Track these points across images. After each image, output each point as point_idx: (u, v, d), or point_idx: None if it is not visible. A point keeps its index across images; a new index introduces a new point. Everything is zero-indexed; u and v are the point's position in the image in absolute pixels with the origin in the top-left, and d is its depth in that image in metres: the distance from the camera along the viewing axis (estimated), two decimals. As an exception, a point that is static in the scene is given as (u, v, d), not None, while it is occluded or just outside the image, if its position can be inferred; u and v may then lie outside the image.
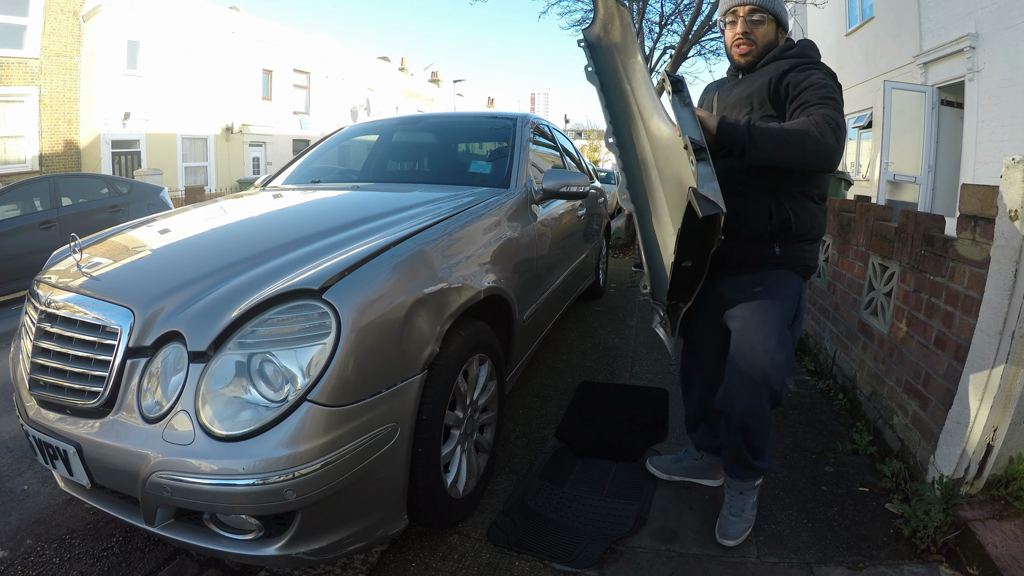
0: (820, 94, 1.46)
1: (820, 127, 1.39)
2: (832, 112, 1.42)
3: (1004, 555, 1.44)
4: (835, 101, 1.45)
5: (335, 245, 1.57)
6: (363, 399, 1.28)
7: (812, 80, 1.48)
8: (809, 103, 1.46)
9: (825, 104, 1.43)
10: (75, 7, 12.02)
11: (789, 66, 1.55)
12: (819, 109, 1.43)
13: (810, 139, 1.38)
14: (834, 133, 1.39)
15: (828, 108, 1.42)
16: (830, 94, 1.45)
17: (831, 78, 1.51)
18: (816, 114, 1.42)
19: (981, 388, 1.59)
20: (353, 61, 20.79)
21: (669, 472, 2.01)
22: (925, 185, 7.69)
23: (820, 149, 1.38)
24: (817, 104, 1.44)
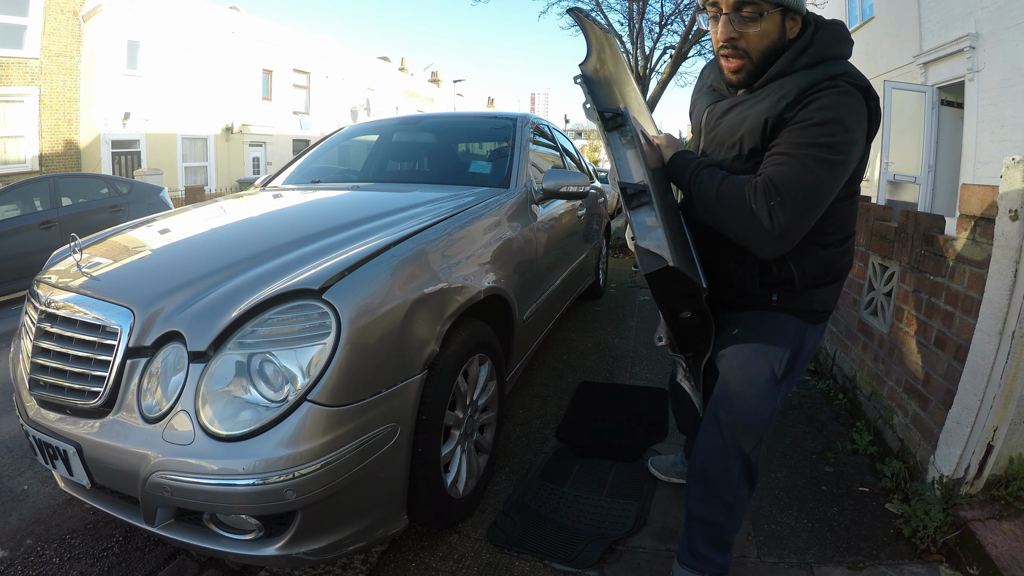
0: (799, 138, 1.07)
1: (757, 202, 1.05)
2: (789, 179, 1.04)
3: (1004, 555, 1.44)
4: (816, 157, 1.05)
5: (335, 245, 1.56)
6: (363, 399, 1.28)
7: (807, 114, 1.08)
8: (777, 151, 1.10)
9: (789, 160, 1.06)
10: (75, 7, 12.02)
11: (798, 92, 1.11)
12: (777, 166, 1.07)
13: (740, 219, 1.08)
14: (770, 215, 1.03)
15: (789, 172, 1.05)
16: (819, 142, 1.05)
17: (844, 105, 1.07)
18: (766, 174, 1.07)
19: (981, 388, 1.59)
20: (353, 61, 20.79)
21: (667, 474, 1.98)
22: (925, 185, 7.69)
23: (746, 232, 1.08)
24: (781, 156, 1.07)
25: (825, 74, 1.11)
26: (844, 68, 1.13)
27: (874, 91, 1.12)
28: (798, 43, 1.16)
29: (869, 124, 1.12)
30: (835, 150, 1.05)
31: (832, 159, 1.05)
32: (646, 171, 1.11)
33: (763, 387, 1.29)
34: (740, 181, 1.11)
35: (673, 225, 1.15)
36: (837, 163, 1.06)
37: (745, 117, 1.19)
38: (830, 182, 1.07)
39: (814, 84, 1.10)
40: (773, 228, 1.05)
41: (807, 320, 1.31)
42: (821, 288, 1.28)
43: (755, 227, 1.06)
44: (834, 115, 1.06)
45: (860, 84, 1.10)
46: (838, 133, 1.05)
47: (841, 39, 1.18)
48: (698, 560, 1.41)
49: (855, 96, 1.09)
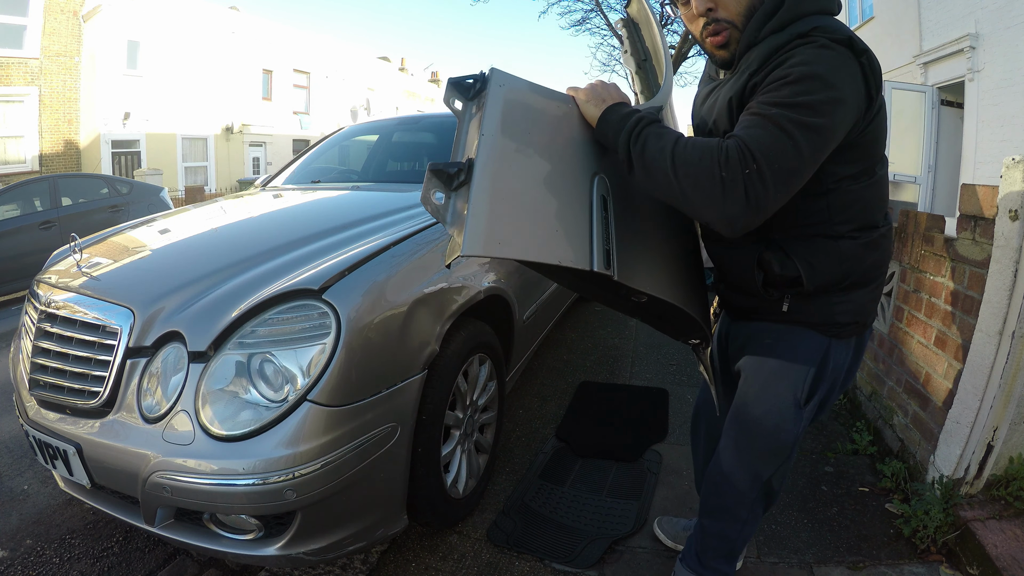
0: (772, 98, 0.90)
1: (728, 169, 0.86)
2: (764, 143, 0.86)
3: (1004, 555, 1.44)
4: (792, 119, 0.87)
5: (335, 245, 1.57)
6: (363, 399, 1.28)
7: (784, 71, 0.92)
8: (748, 112, 0.93)
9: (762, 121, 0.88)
10: (75, 7, 12.01)
11: (762, 59, 0.97)
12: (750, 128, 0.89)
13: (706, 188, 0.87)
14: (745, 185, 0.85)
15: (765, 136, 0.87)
16: (794, 102, 0.88)
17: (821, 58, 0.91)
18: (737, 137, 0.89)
19: (981, 388, 1.59)
20: (353, 61, 20.79)
21: (676, 540, 1.66)
22: (925, 185, 7.69)
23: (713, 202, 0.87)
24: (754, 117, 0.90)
25: (793, 33, 0.95)
26: (816, 23, 0.95)
27: (861, 43, 0.93)
28: (765, 5, 1.00)
29: (867, 84, 0.93)
30: (815, 111, 0.87)
31: (812, 121, 0.87)
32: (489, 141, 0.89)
33: (784, 414, 1.16)
34: (703, 143, 0.91)
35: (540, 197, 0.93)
36: (819, 127, 0.88)
37: (716, 101, 1.07)
38: (814, 152, 0.89)
39: (780, 47, 0.95)
40: (748, 202, 0.86)
41: (829, 335, 1.11)
42: (844, 293, 1.07)
43: (726, 200, 0.86)
44: (810, 70, 0.89)
45: (839, 37, 0.92)
46: (817, 90, 0.88)
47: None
48: (704, 568, 1.38)
49: (836, 49, 0.91)
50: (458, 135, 0.95)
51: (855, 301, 1.09)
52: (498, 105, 0.91)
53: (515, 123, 0.93)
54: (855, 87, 0.93)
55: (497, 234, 0.84)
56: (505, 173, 0.89)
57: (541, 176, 0.94)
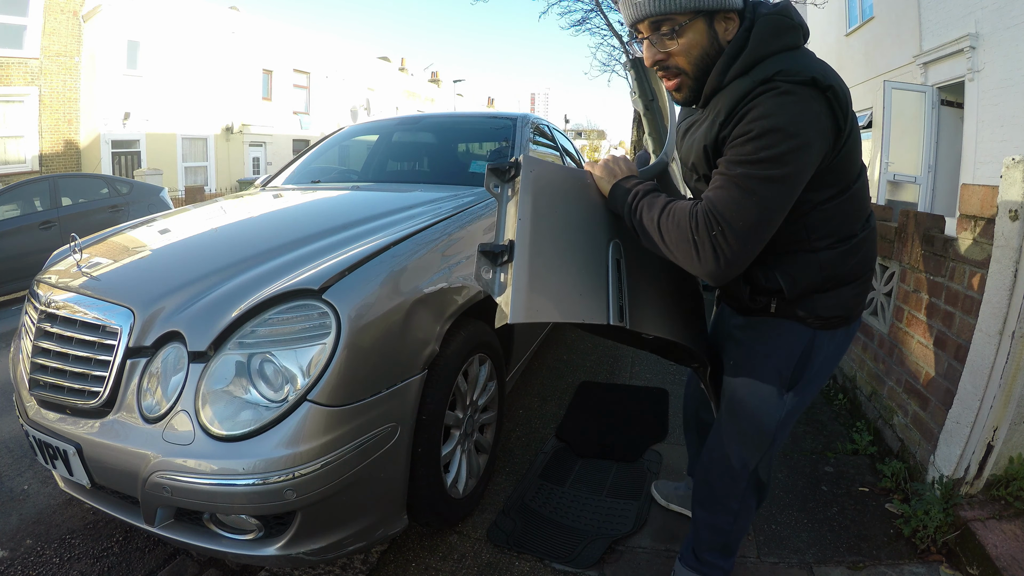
0: (736, 156, 0.96)
1: (699, 233, 0.96)
2: (729, 206, 0.94)
3: (1004, 555, 1.44)
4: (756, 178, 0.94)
5: (335, 245, 1.57)
6: (363, 399, 1.28)
7: (743, 128, 0.97)
8: (717, 172, 1.00)
9: (727, 183, 0.96)
10: (75, 7, 12.01)
11: (729, 108, 1.01)
12: (718, 189, 0.97)
13: (685, 252, 0.99)
14: (713, 248, 0.95)
15: (727, 190, 0.95)
16: (757, 158, 0.94)
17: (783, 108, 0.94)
18: (706, 199, 0.98)
19: (981, 388, 1.59)
20: (353, 61, 20.80)
21: (668, 499, 1.85)
22: (925, 185, 7.69)
23: (693, 265, 0.99)
24: (720, 178, 0.98)
25: (756, 79, 0.98)
26: (779, 66, 0.97)
27: (825, 80, 0.96)
28: (728, 49, 1.04)
29: (834, 117, 0.98)
30: (778, 163, 0.93)
31: (774, 175, 0.93)
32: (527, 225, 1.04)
33: (766, 397, 1.24)
34: (681, 209, 1.01)
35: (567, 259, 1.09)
36: (782, 177, 0.94)
37: (694, 140, 1.13)
38: (778, 201, 0.96)
39: (744, 95, 0.98)
40: (719, 260, 0.96)
41: (815, 327, 1.19)
42: (826, 293, 1.15)
43: (701, 259, 0.97)
44: (772, 124, 0.93)
45: (802, 78, 0.95)
46: (779, 142, 0.93)
47: (779, 29, 1.02)
48: (701, 563, 1.42)
49: (797, 94, 0.94)
50: (499, 214, 1.12)
51: (839, 297, 1.17)
52: (529, 190, 1.07)
53: (545, 204, 1.08)
54: (819, 126, 0.97)
55: (535, 304, 1.01)
56: (539, 252, 1.04)
57: (568, 248, 1.11)
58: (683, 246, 1.00)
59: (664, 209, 1.04)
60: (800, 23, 1.05)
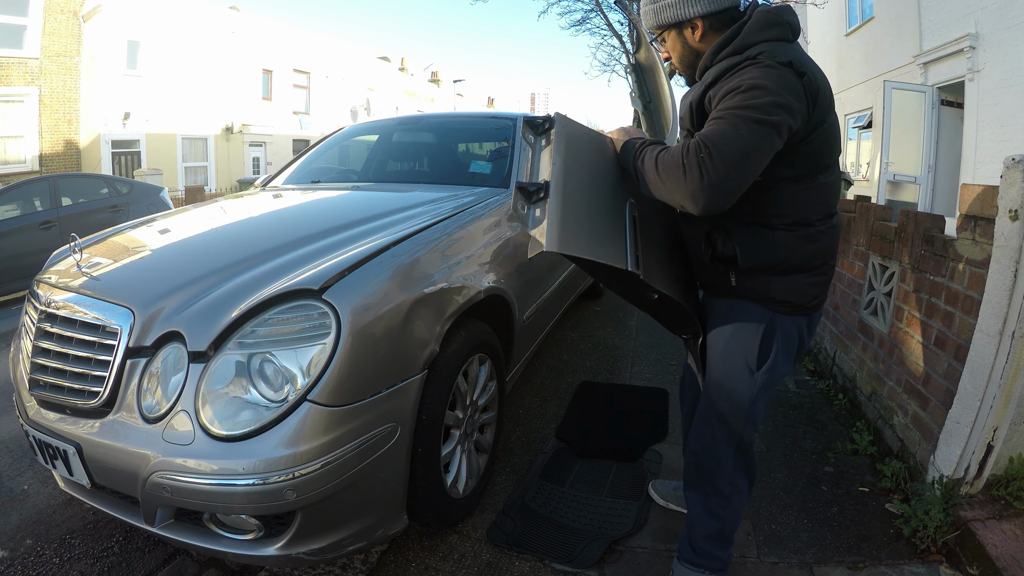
0: (726, 107, 1.10)
1: (689, 157, 1.07)
2: (717, 135, 1.06)
3: (1004, 555, 1.44)
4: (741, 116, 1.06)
5: (335, 245, 1.57)
6: (363, 399, 1.28)
7: (735, 83, 1.12)
8: (709, 118, 1.15)
9: (719, 120, 1.09)
10: (75, 7, 12.01)
11: (715, 75, 1.20)
12: (708, 125, 1.12)
13: (674, 178, 1.09)
14: (699, 168, 1.05)
15: (718, 129, 1.08)
16: (743, 103, 1.07)
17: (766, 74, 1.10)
18: (698, 134, 1.11)
19: (981, 388, 1.59)
20: (353, 61, 20.79)
21: (667, 499, 1.87)
22: (925, 185, 7.70)
23: (681, 189, 1.08)
24: (712, 120, 1.12)
25: (743, 56, 1.17)
26: (763, 49, 1.16)
27: (801, 66, 1.12)
28: (725, 35, 1.23)
29: (807, 99, 1.12)
30: (762, 111, 1.06)
31: (759, 118, 1.06)
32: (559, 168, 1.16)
33: (738, 376, 1.34)
34: (675, 147, 1.15)
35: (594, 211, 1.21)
36: (765, 122, 1.06)
37: (685, 104, 1.33)
38: (759, 141, 1.07)
39: (733, 65, 1.17)
40: (703, 178, 1.05)
41: (772, 309, 1.30)
42: (778, 277, 1.26)
43: (688, 179, 1.07)
44: (756, 82, 1.09)
45: (782, 60, 1.12)
46: (761, 96, 1.07)
47: (769, 23, 1.20)
48: (697, 555, 1.43)
49: (778, 68, 1.11)
50: (533, 160, 1.25)
51: (792, 283, 1.28)
52: (563, 140, 1.19)
53: (574, 154, 1.21)
54: (797, 96, 1.11)
55: (566, 237, 1.10)
56: (569, 193, 1.15)
57: (593, 195, 1.23)
58: (673, 171, 1.10)
59: (662, 151, 1.17)
60: (789, 21, 1.22)
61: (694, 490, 1.44)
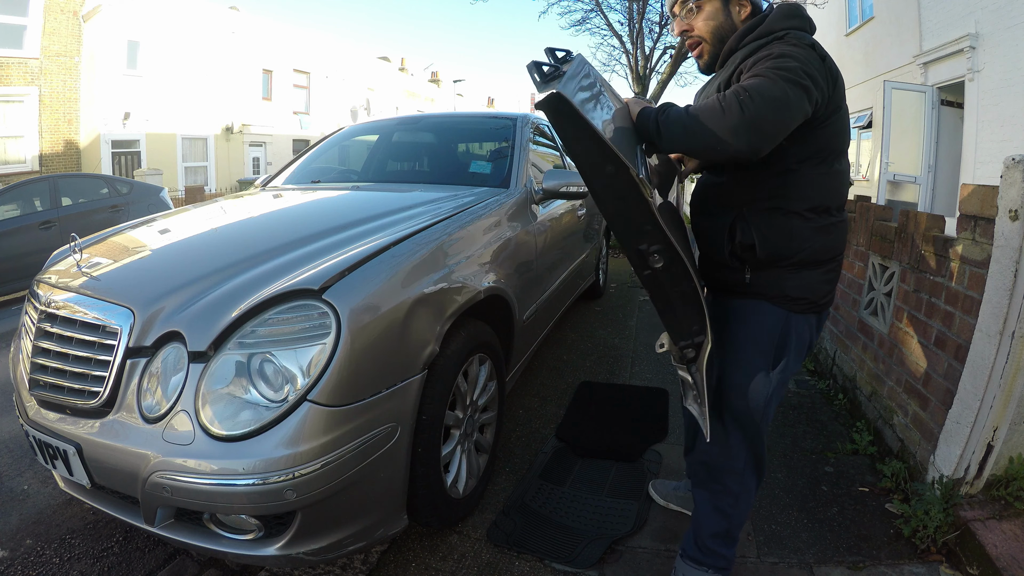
0: (761, 68, 1.12)
1: (726, 99, 1.08)
2: (756, 83, 1.08)
3: (1004, 555, 1.44)
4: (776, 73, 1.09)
5: (335, 245, 1.57)
6: (363, 399, 1.28)
7: (765, 53, 1.16)
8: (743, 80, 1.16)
9: (755, 77, 1.11)
10: (75, 7, 12.01)
11: (745, 55, 1.22)
12: (744, 81, 1.13)
13: (711, 117, 1.09)
14: (740, 105, 1.05)
15: (756, 80, 1.09)
16: (776, 66, 1.10)
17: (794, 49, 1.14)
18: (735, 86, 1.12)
19: (981, 388, 1.59)
20: (353, 61, 20.79)
21: (667, 499, 1.87)
22: (925, 185, 7.69)
23: (719, 125, 1.07)
24: (749, 79, 1.13)
25: (772, 37, 1.22)
26: (788, 30, 1.22)
27: (822, 50, 1.19)
28: (747, 24, 1.28)
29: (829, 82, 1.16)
30: (791, 72, 1.09)
31: (788, 75, 1.09)
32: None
33: (754, 375, 1.33)
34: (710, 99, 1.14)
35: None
36: (798, 83, 1.09)
37: (709, 93, 1.31)
38: (794, 96, 1.08)
39: (760, 47, 1.21)
40: (744, 112, 1.05)
41: (787, 308, 1.29)
42: (793, 272, 1.26)
43: (727, 115, 1.06)
44: (786, 51, 1.14)
45: (806, 41, 1.18)
46: (791, 64, 1.11)
47: (790, 15, 1.26)
48: (703, 553, 1.43)
49: (803, 47, 1.15)
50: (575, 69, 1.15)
51: (805, 279, 1.27)
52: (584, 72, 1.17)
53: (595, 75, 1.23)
54: (820, 71, 1.15)
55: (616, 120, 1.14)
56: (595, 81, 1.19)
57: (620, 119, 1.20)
58: (709, 113, 1.09)
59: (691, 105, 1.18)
60: (809, 18, 1.28)
61: (702, 488, 1.44)
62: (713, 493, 1.42)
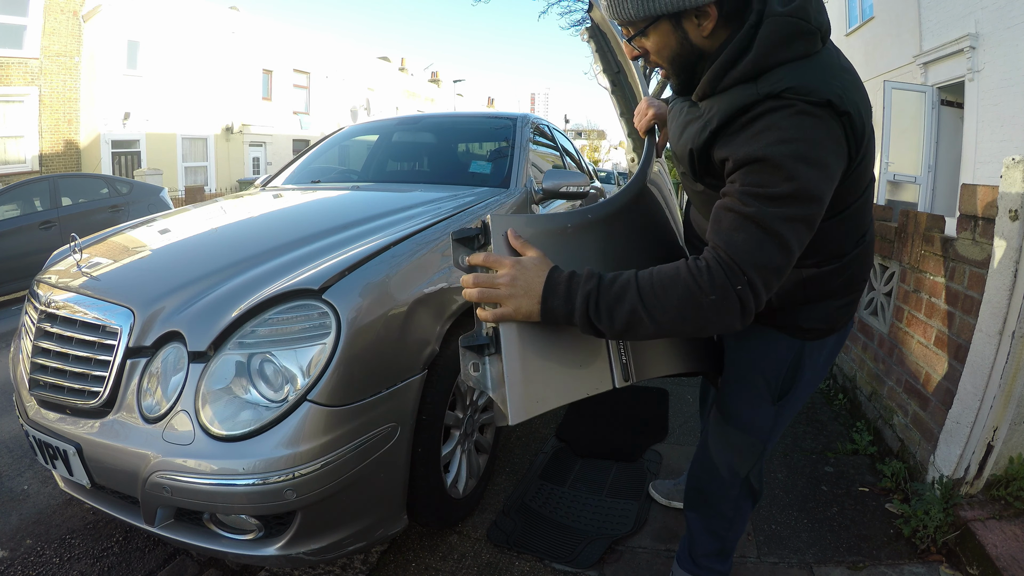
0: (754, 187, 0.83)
1: (699, 271, 0.83)
2: (750, 244, 0.82)
3: (1004, 555, 1.44)
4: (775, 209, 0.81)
5: (335, 245, 1.56)
6: (363, 399, 1.28)
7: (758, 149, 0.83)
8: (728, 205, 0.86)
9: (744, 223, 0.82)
10: (75, 7, 12.01)
11: (723, 117, 0.89)
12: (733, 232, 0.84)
13: (682, 298, 0.83)
14: (740, 299, 0.82)
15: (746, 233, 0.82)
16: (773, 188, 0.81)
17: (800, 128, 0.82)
18: (721, 248, 0.84)
19: (981, 388, 1.59)
20: (353, 61, 20.80)
21: (669, 497, 1.86)
22: (925, 185, 7.70)
23: (712, 329, 0.85)
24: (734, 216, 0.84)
25: (763, 92, 0.85)
26: (791, 80, 0.84)
27: (842, 105, 0.83)
28: (729, 50, 0.89)
29: (848, 144, 0.87)
30: (799, 199, 0.82)
31: (796, 212, 0.82)
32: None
33: (757, 408, 1.21)
34: (670, 278, 0.84)
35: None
36: (805, 216, 0.84)
37: (680, 134, 1.04)
38: (802, 238, 0.85)
39: (744, 107, 0.86)
40: (745, 311, 0.84)
41: (801, 337, 1.14)
42: (807, 305, 1.10)
43: (722, 318, 0.83)
44: (790, 150, 0.81)
45: (818, 99, 0.82)
46: (800, 174, 0.81)
47: (790, 36, 0.86)
48: (698, 567, 1.41)
49: (815, 115, 0.83)
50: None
51: (822, 310, 1.11)
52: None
53: None
54: (838, 152, 0.86)
55: (534, 395, 0.87)
56: (526, 333, 0.89)
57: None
58: (693, 315, 0.83)
59: (640, 288, 0.85)
60: (817, 26, 0.88)
61: (695, 511, 1.39)
62: (706, 517, 1.36)
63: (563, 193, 2.37)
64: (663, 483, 1.92)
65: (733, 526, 1.35)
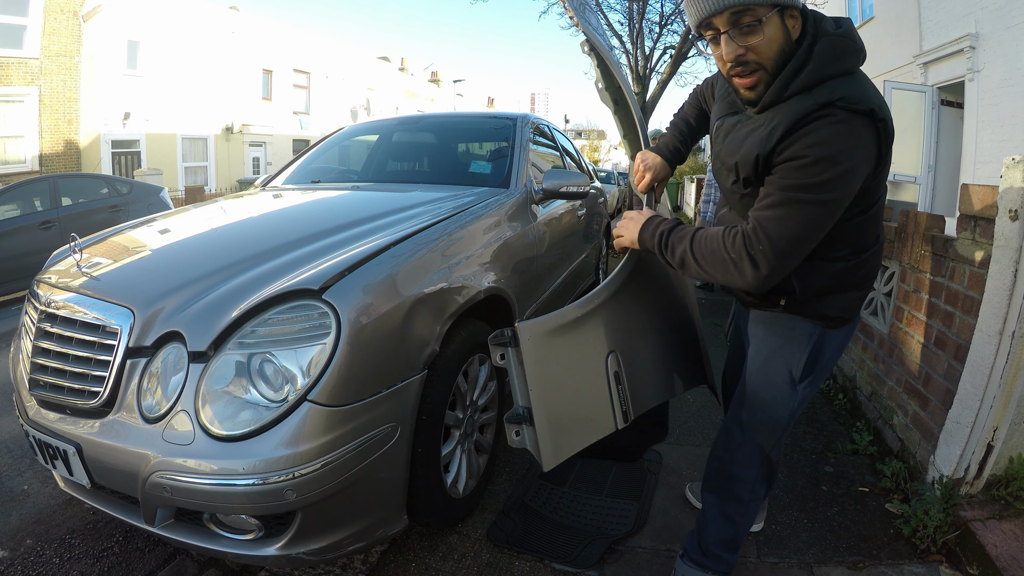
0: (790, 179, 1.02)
1: (735, 248, 1.07)
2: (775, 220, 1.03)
3: (1004, 555, 1.44)
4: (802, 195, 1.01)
5: (335, 245, 1.57)
6: (363, 399, 1.28)
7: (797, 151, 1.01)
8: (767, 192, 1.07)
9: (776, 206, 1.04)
10: (75, 7, 12.01)
11: (787, 125, 1.03)
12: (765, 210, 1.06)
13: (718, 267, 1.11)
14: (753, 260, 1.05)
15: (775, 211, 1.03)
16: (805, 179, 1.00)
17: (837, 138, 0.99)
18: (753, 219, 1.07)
19: (981, 388, 1.59)
20: (353, 61, 20.79)
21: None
22: (925, 185, 7.69)
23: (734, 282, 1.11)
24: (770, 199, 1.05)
25: (819, 101, 1.00)
26: (842, 92, 1.00)
27: (881, 113, 1.01)
28: (792, 63, 1.04)
29: (879, 146, 1.04)
30: (826, 188, 1.00)
31: (819, 198, 1.01)
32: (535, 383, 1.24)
33: (780, 388, 1.32)
34: (713, 236, 1.13)
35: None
36: (825, 201, 1.02)
37: (742, 144, 1.14)
38: (822, 221, 1.04)
39: (806, 115, 1.01)
40: (759, 272, 1.06)
41: (823, 325, 1.26)
42: (833, 295, 1.22)
43: (740, 273, 1.08)
44: (825, 152, 0.99)
45: (861, 108, 0.99)
46: (827, 170, 0.99)
47: (842, 52, 1.03)
48: (707, 557, 1.44)
49: (851, 123, 0.99)
50: (511, 379, 1.28)
51: (844, 300, 1.25)
52: (531, 357, 1.24)
53: (546, 362, 1.28)
54: (866, 153, 1.03)
55: (559, 447, 1.30)
56: (551, 408, 1.27)
57: (572, 388, 1.33)
58: (719, 266, 1.11)
59: (694, 238, 1.17)
60: (862, 47, 1.06)
61: (713, 493, 1.44)
62: (723, 500, 1.42)
63: (563, 193, 2.37)
64: (698, 485, 1.89)
65: (747, 511, 1.41)
